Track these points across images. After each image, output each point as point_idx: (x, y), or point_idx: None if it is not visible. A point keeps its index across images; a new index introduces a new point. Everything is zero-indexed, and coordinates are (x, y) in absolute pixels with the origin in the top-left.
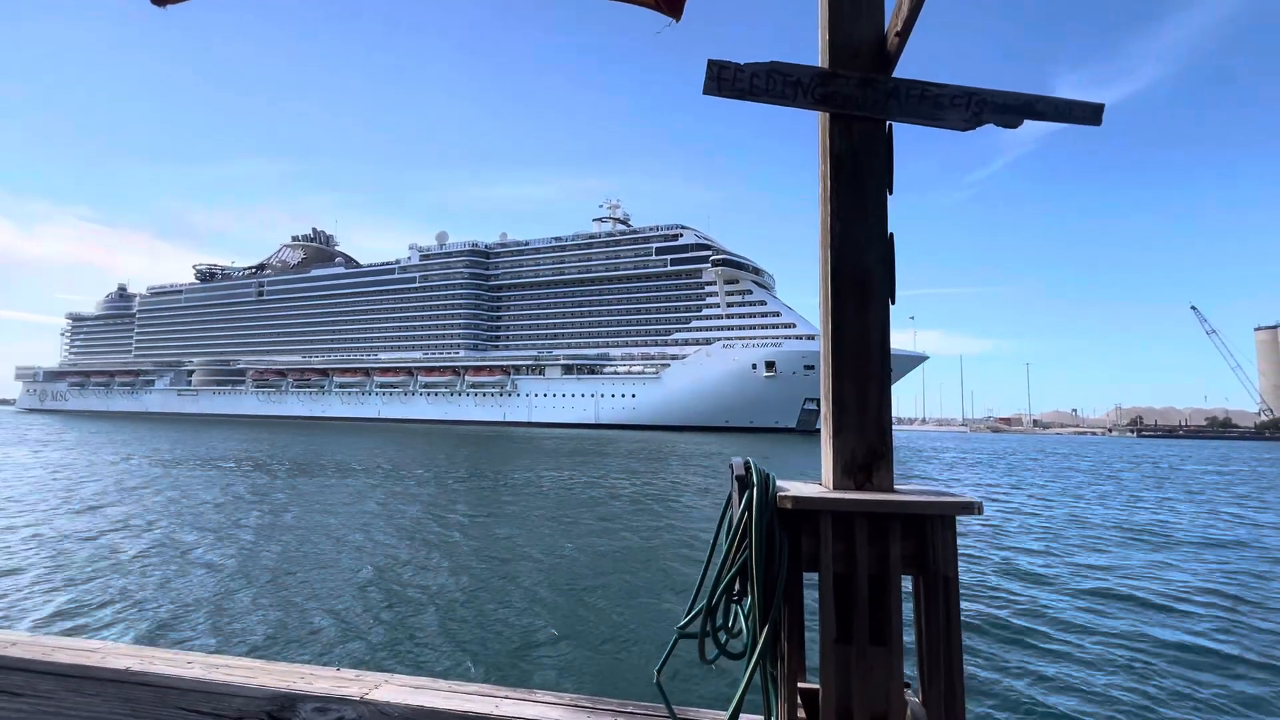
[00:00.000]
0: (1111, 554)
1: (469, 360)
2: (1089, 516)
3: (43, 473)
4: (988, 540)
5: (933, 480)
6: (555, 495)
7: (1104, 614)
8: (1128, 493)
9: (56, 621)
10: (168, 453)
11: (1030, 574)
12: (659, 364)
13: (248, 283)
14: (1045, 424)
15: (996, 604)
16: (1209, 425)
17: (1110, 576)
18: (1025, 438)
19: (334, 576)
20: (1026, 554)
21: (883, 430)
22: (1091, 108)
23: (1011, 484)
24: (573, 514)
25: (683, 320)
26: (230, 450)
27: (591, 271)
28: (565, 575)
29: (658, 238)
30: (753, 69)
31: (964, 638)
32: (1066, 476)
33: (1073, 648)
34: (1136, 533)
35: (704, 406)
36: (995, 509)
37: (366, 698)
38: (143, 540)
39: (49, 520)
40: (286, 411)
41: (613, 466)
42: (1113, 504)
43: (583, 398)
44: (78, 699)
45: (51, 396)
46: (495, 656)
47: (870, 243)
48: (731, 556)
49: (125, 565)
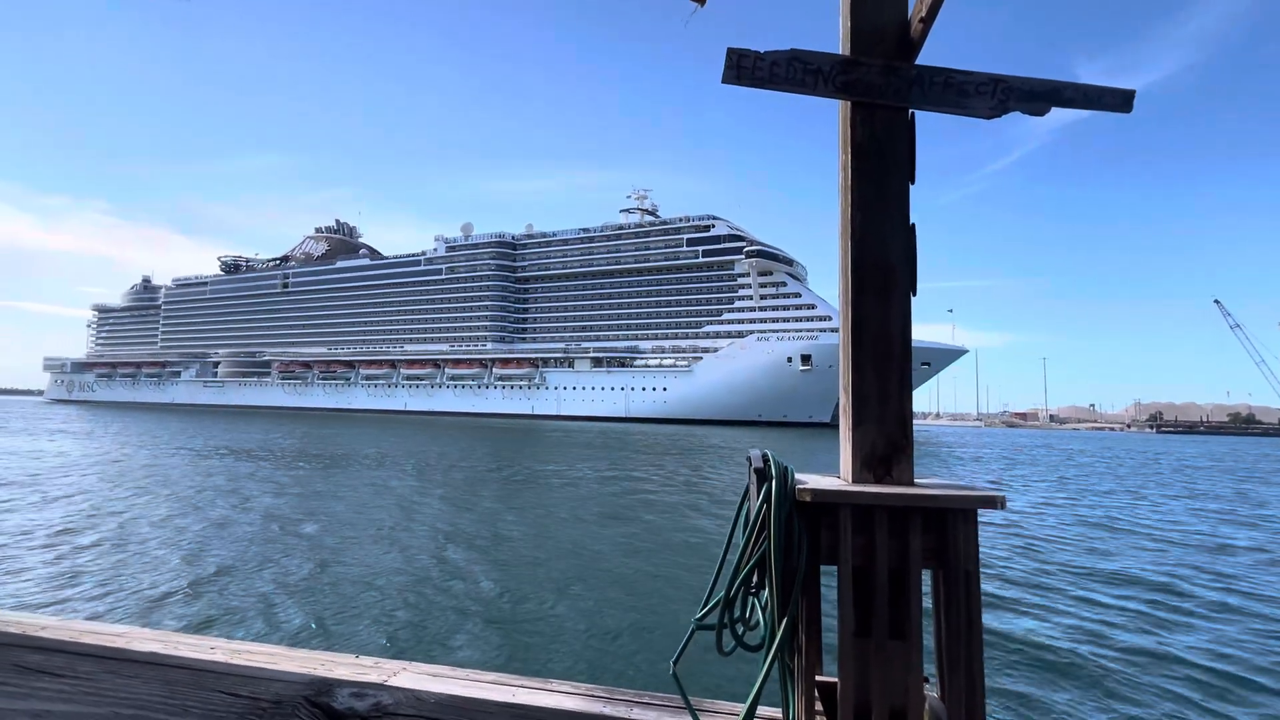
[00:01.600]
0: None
1: (496, 353)
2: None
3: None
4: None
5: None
6: (584, 487)
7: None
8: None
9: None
10: (226, 443)
11: (1052, 567)
12: (690, 357)
13: (272, 274)
14: (1062, 419)
15: (1020, 599)
16: (1231, 421)
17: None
18: (1043, 433)
19: (361, 564)
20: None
21: (903, 423)
22: (1121, 94)
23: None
24: (601, 506)
25: (714, 312)
26: (274, 442)
27: (620, 263)
28: (587, 567)
29: (689, 228)
30: (772, 57)
31: (984, 633)
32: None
33: (1114, 655)
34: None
35: (737, 400)
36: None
37: (386, 684)
38: (201, 526)
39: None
40: (312, 403)
41: (642, 460)
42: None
43: (612, 390)
44: (116, 680)
45: (79, 387)
46: (512, 646)
47: (892, 233)
48: (750, 549)
49: (196, 555)
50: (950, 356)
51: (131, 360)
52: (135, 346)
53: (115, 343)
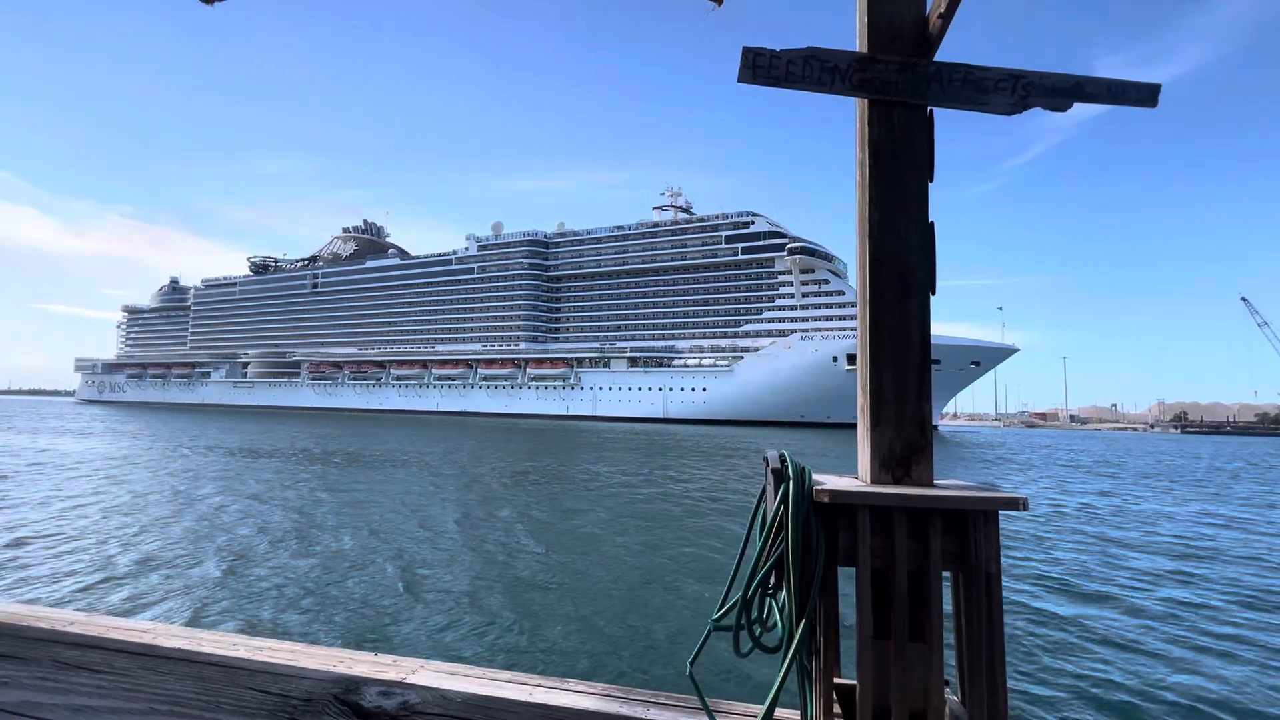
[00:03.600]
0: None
1: (530, 353)
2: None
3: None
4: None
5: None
6: (621, 490)
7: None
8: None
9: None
10: (264, 443)
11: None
12: (731, 356)
13: (302, 275)
14: (1083, 419)
15: (1043, 602)
16: (1259, 422)
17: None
18: (1065, 433)
19: (389, 561)
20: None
21: (922, 423)
22: (1147, 88)
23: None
24: (637, 508)
25: (753, 311)
26: (331, 443)
27: (656, 261)
28: (615, 568)
29: (727, 225)
30: (789, 55)
31: (1005, 636)
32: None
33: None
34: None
35: (779, 400)
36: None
37: (405, 681)
38: (242, 527)
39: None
40: (343, 404)
41: (687, 462)
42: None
43: (650, 391)
44: (153, 677)
45: (110, 388)
46: (530, 643)
47: (910, 231)
48: (767, 550)
49: (250, 556)
50: (1000, 355)
51: (161, 361)
52: (165, 347)
53: (145, 344)
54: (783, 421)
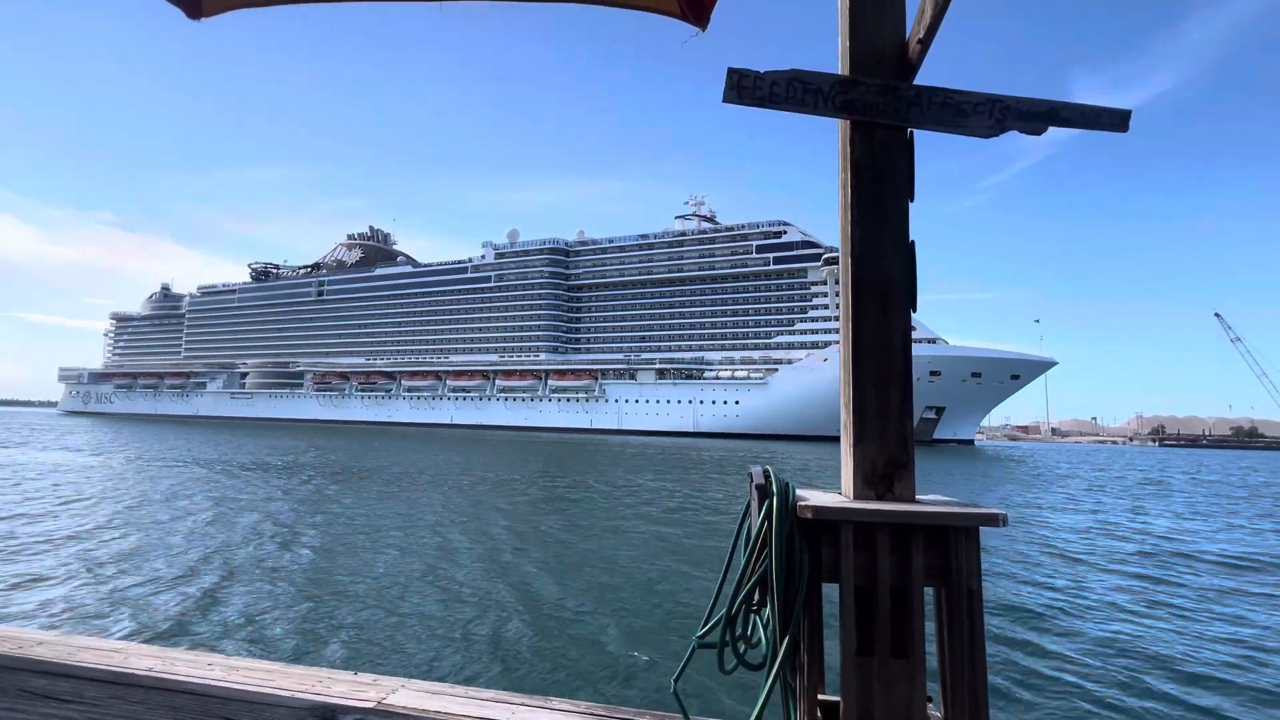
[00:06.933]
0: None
1: (551, 364)
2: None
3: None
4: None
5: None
6: (659, 508)
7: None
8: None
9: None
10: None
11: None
12: (765, 368)
13: (306, 282)
14: (1064, 432)
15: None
16: (1234, 435)
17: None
18: (1046, 446)
19: (383, 581)
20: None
21: (904, 439)
22: (1118, 114)
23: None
24: (669, 530)
25: (785, 322)
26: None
27: (683, 270)
28: (619, 588)
29: (757, 235)
30: (773, 77)
31: (988, 651)
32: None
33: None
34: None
35: (814, 414)
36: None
37: (385, 702)
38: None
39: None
40: (349, 416)
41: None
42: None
43: (679, 404)
44: (124, 706)
45: (96, 399)
46: (514, 663)
47: (891, 250)
48: (751, 566)
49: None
50: (1039, 368)
51: (153, 370)
52: (157, 356)
53: (135, 353)
54: (818, 435)
